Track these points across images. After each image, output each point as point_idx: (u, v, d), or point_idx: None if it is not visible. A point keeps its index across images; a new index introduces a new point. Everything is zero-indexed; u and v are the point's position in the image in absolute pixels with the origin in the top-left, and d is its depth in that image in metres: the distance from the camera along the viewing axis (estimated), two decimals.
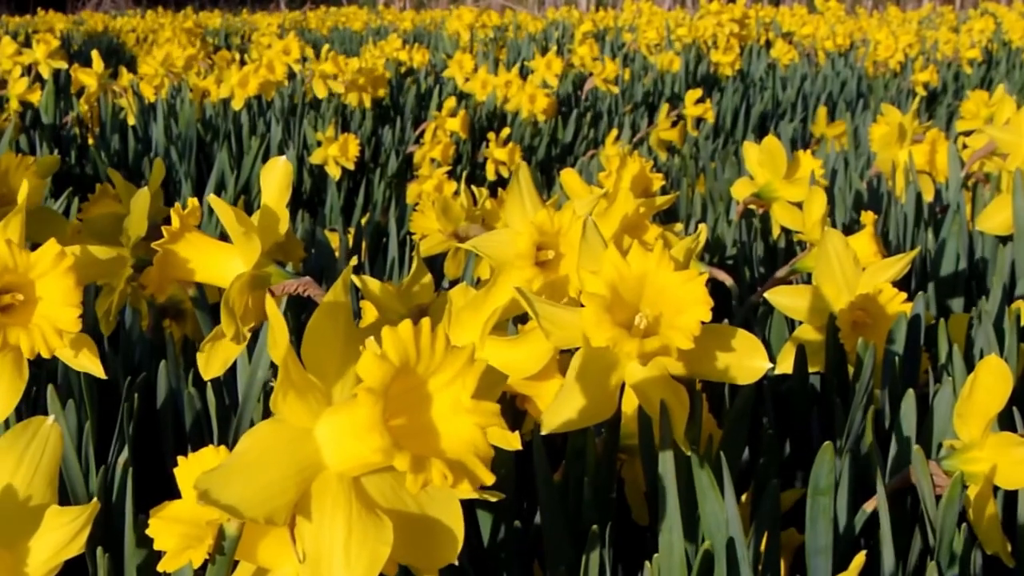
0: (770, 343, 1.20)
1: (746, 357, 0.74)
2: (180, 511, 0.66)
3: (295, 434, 0.49)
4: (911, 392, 0.91)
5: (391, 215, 1.94)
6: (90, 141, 2.89)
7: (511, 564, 0.87)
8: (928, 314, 1.16)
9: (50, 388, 0.87)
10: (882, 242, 1.31)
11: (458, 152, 3.09)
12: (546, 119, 3.40)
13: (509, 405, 0.89)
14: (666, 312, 0.72)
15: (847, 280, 1.04)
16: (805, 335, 1.05)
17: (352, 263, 0.99)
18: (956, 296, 1.45)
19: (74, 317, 0.71)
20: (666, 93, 4.32)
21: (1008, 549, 0.79)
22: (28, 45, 3.27)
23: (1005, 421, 0.90)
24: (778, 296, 1.06)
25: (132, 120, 2.96)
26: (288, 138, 2.96)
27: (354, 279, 0.88)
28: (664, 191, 1.71)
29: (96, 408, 0.94)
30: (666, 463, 0.75)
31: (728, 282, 1.27)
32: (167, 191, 2.66)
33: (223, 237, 0.84)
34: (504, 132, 2.99)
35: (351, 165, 2.70)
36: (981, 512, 0.79)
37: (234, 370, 0.96)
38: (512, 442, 0.68)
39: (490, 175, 2.92)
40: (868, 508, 0.86)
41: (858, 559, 0.73)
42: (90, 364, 0.76)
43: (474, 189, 1.51)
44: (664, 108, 3.20)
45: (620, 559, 0.90)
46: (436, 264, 1.45)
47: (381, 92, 3.48)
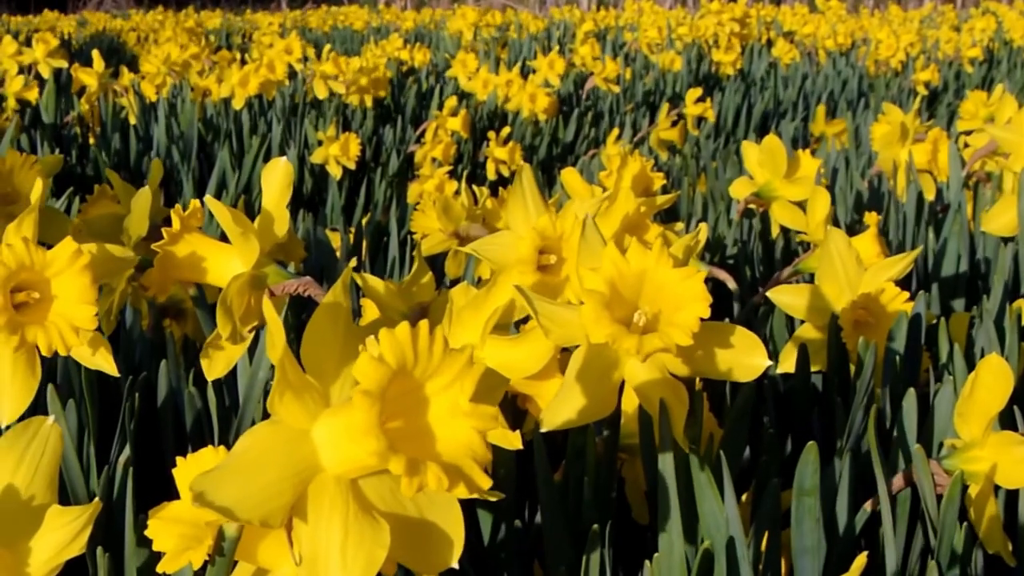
0: (771, 343, 1.20)
1: (745, 355, 0.74)
2: (179, 512, 0.66)
3: (292, 436, 0.49)
4: (912, 391, 0.91)
5: (392, 214, 1.93)
6: (91, 141, 2.89)
7: (511, 563, 0.86)
8: (929, 313, 1.16)
9: (50, 388, 0.86)
10: (883, 241, 1.31)
11: (459, 151, 3.09)
12: (547, 118, 3.40)
13: (510, 405, 0.88)
14: (665, 309, 0.72)
15: (849, 279, 1.04)
16: (807, 334, 1.05)
17: (352, 263, 0.99)
18: (957, 295, 1.45)
19: (91, 315, 0.71)
20: (667, 92, 4.32)
21: (1009, 548, 0.79)
22: (29, 45, 3.27)
23: (1006, 420, 0.89)
24: (780, 295, 1.06)
25: (133, 119, 2.96)
26: (289, 137, 2.95)
27: (355, 277, 0.88)
28: (665, 190, 1.71)
29: (96, 408, 0.94)
30: (666, 462, 0.75)
31: (729, 282, 1.26)
32: (168, 191, 2.66)
33: (225, 238, 0.84)
34: (505, 131, 2.99)
35: (352, 164, 2.70)
36: (982, 511, 0.79)
37: (235, 370, 0.95)
38: (513, 441, 0.68)
39: (491, 174, 2.92)
40: (868, 508, 0.86)
41: (860, 560, 0.73)
42: (105, 363, 0.76)
43: (475, 188, 1.51)
44: (665, 107, 3.20)
45: (620, 559, 0.90)
46: (437, 263, 1.45)
47: (382, 93, 3.48)
